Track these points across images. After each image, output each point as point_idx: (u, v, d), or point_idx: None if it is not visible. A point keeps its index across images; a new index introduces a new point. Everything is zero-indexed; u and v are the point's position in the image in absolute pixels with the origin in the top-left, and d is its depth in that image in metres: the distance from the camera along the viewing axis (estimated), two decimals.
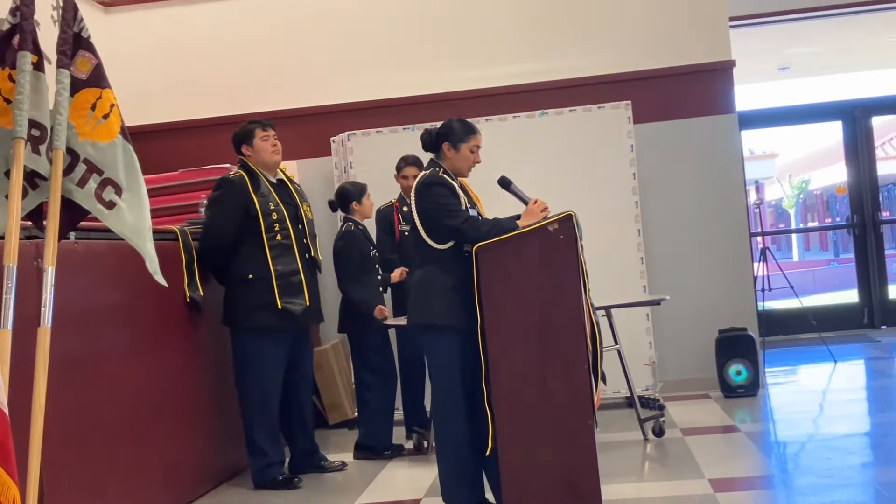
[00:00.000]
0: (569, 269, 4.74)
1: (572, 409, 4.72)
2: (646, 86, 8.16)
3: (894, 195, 25.32)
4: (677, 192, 8.16)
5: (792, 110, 12.09)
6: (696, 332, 8.04)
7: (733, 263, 8.18)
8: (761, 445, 6.05)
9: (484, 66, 8.36)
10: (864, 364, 8.83)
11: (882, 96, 11.89)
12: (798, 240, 27.13)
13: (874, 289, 11.24)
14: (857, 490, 4.90)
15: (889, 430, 6.23)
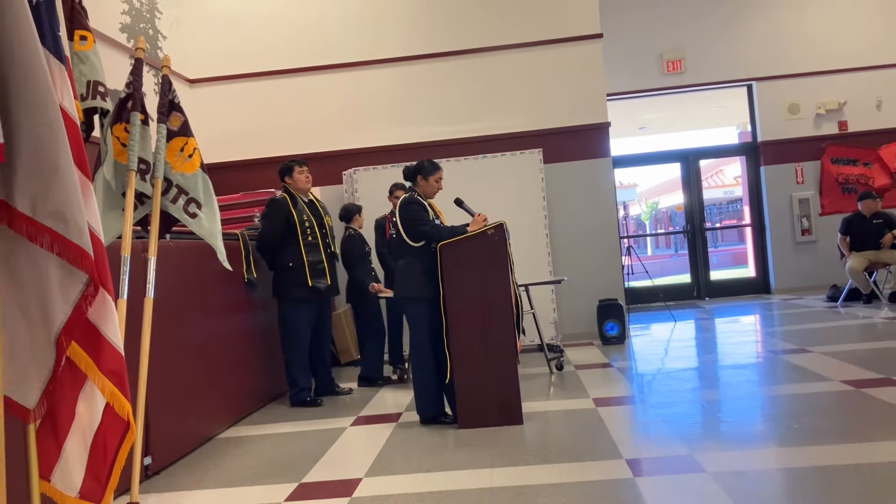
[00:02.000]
0: (501, 260, 4.76)
1: (503, 352, 4.74)
2: (552, 138, 8.17)
3: (714, 212, 25.66)
4: (573, 209, 8.18)
5: (647, 155, 12.15)
6: (584, 301, 8.07)
7: (609, 256, 8.22)
8: (627, 376, 6.07)
9: (447, 124, 8.34)
10: (694, 323, 8.89)
11: (706, 146, 11.99)
12: (651, 241, 27.32)
13: (701, 273, 11.33)
14: (689, 405, 4.93)
15: (710, 366, 6.27)
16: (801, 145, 10.73)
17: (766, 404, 4.81)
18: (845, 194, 10.47)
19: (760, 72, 10.76)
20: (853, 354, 6.00)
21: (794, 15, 10.75)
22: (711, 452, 3.84)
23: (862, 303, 8.96)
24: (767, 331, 7.92)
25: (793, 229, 10.76)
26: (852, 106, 10.66)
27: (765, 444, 3.96)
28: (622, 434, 4.32)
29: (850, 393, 4.77)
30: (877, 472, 3.32)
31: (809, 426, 4.14)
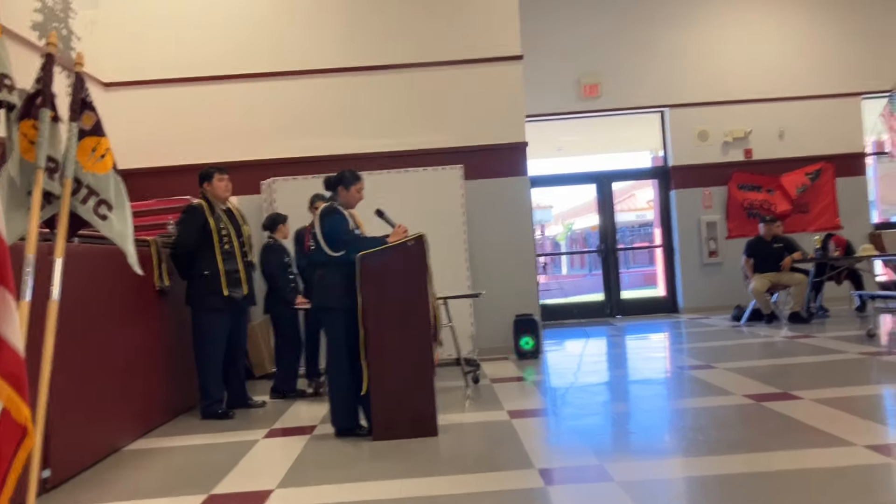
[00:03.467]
0: (420, 271, 4.76)
1: (420, 364, 4.73)
2: (473, 155, 8.25)
3: (626, 234, 26.36)
4: (492, 226, 8.26)
5: (564, 176, 12.42)
6: (501, 316, 8.14)
7: (525, 273, 8.33)
8: (541, 389, 6.15)
9: (369, 137, 8.32)
10: (605, 339, 9.09)
11: (620, 169, 12.32)
12: (567, 260, 27.82)
13: (613, 292, 11.61)
14: (600, 417, 5.03)
15: (620, 381, 6.42)
16: (709, 171, 11.16)
17: (672, 417, 4.95)
18: (750, 219, 10.93)
19: (673, 99, 11.17)
20: (754, 370, 6.24)
21: (704, 47, 11.20)
22: (620, 462, 3.92)
23: (763, 322, 9.34)
24: (675, 348, 8.17)
25: (700, 251, 11.15)
26: (757, 135, 11.16)
27: (671, 455, 4.08)
28: (535, 445, 4.36)
29: (750, 406, 4.95)
30: (774, 480, 3.46)
31: (713, 437, 4.28)
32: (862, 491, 3.25)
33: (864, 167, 11.31)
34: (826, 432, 4.14)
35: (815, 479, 3.42)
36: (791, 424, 4.40)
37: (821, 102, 11.19)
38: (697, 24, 11.22)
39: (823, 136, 11.18)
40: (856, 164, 11.25)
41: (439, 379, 6.71)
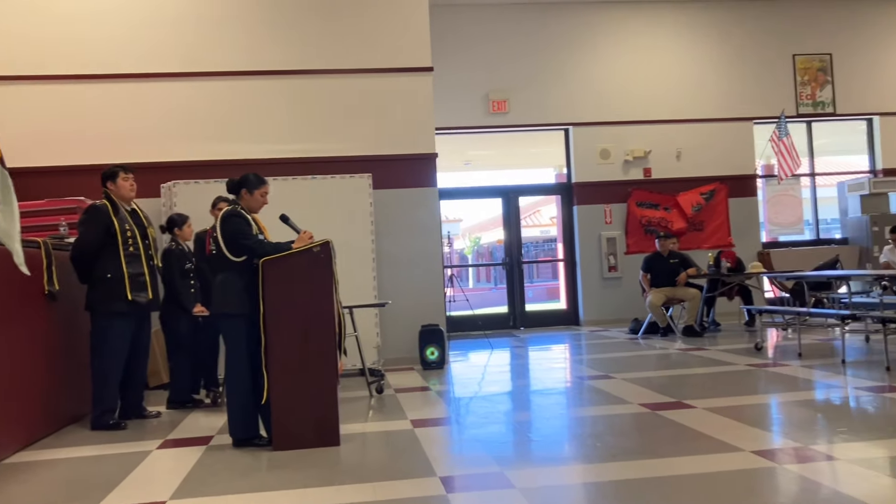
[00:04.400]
0: (326, 278, 4.69)
1: (323, 372, 4.65)
2: (382, 165, 8.22)
3: (531, 249, 26.84)
4: (400, 236, 8.25)
5: (472, 189, 12.55)
6: (407, 326, 8.12)
7: (432, 284, 8.35)
8: (445, 399, 6.16)
9: (277, 143, 8.18)
10: (509, 350, 9.19)
11: (526, 184, 12.54)
12: (473, 273, 28.07)
13: (517, 304, 11.78)
14: (502, 426, 5.07)
15: (522, 390, 6.51)
16: (610, 188, 11.50)
17: (572, 425, 5.04)
18: (647, 235, 11.31)
19: (577, 118, 11.46)
20: (650, 381, 6.43)
21: (608, 69, 11.56)
22: (521, 469, 3.95)
23: (659, 335, 9.65)
24: (575, 358, 8.34)
25: (601, 266, 11.45)
26: (656, 155, 11.57)
27: (570, 461, 4.14)
28: (437, 453, 4.35)
29: (646, 414, 5.09)
30: (668, 485, 3.56)
31: (610, 444, 4.37)
32: (748, 494, 3.38)
33: (754, 189, 11.89)
34: (716, 439, 4.30)
35: (706, 484, 3.54)
36: (684, 432, 4.54)
37: (715, 126, 11.71)
38: (601, 47, 11.57)
39: (718, 159, 11.69)
40: (747, 186, 11.81)
41: (343, 389, 6.63)
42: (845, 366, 6.63)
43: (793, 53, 11.92)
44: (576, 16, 11.53)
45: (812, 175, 12.36)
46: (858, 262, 11.56)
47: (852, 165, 12.69)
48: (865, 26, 12.05)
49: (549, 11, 11.49)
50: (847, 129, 12.52)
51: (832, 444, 4.13)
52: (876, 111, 12.07)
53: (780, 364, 6.97)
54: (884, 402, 5.16)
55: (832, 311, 7.95)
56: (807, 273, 9.22)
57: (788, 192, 11.98)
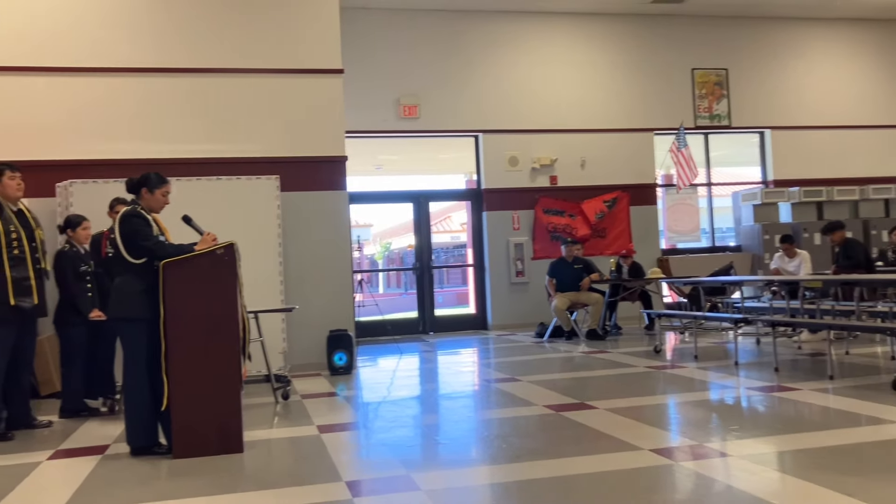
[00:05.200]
0: (229, 281, 4.59)
1: (226, 378, 4.54)
2: (291, 167, 8.08)
3: (441, 255, 26.98)
4: (308, 239, 8.13)
5: (382, 194, 12.52)
6: (315, 332, 7.99)
7: (341, 289, 8.26)
8: (353, 404, 6.11)
9: (180, 143, 7.91)
10: (418, 355, 9.21)
11: (436, 190, 12.59)
12: (383, 278, 27.98)
13: (426, 309, 11.80)
14: (410, 429, 5.07)
15: (431, 394, 6.53)
16: (518, 195, 11.68)
17: (479, 427, 5.09)
18: (553, 241, 11.53)
19: (486, 125, 11.60)
20: (555, 383, 6.55)
21: (516, 79, 11.74)
22: (428, 472, 3.96)
23: (564, 339, 9.84)
24: (483, 362, 8.43)
25: (508, 271, 11.61)
26: (562, 163, 11.83)
27: (477, 463, 4.18)
28: (344, 458, 4.31)
29: (551, 416, 5.19)
30: (571, 483, 3.63)
31: (515, 445, 4.43)
32: (647, 491, 3.49)
33: (654, 197, 12.30)
34: (617, 438, 4.41)
35: (607, 482, 3.63)
36: (586, 432, 4.65)
37: (618, 136, 12.06)
38: (511, 56, 11.75)
39: (620, 168, 12.04)
40: (648, 194, 12.21)
41: (247, 395, 6.46)
42: (738, 367, 6.93)
43: (692, 67, 12.41)
44: (487, 25, 11.68)
45: (708, 185, 12.89)
46: (751, 268, 12.13)
47: (746, 176, 13.31)
48: (759, 44, 12.67)
49: (461, 19, 11.59)
50: (741, 142, 13.12)
51: (725, 441, 4.30)
52: (768, 125, 12.70)
53: (678, 366, 7.23)
54: (773, 401, 5.42)
55: (726, 315, 8.31)
56: (703, 279, 9.60)
57: (686, 201, 12.46)
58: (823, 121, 12.78)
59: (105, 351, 6.21)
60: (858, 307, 7.24)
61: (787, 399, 5.40)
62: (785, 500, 3.23)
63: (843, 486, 3.31)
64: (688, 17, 12.33)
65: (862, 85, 13.03)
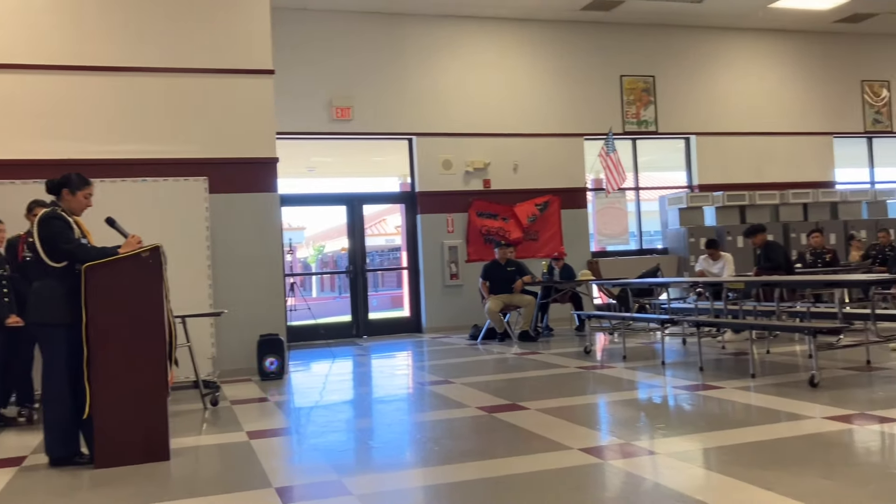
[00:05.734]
0: (155, 285, 4.47)
1: (152, 385, 4.42)
2: (220, 168, 7.91)
3: (376, 258, 26.86)
4: (239, 242, 7.97)
5: (315, 196, 12.39)
6: (245, 336, 7.85)
7: (272, 293, 8.14)
8: (284, 410, 6.02)
9: (104, 143, 7.67)
10: (352, 359, 9.14)
11: (370, 192, 12.55)
12: (317, 282, 27.71)
13: (360, 312, 11.73)
14: (343, 434, 5.02)
15: (364, 398, 6.49)
16: (452, 198, 11.71)
17: (412, 430, 5.08)
18: (487, 244, 11.61)
19: (420, 128, 11.60)
20: (488, 384, 6.59)
21: (449, 82, 11.78)
22: (359, 476, 3.93)
23: (497, 340, 9.92)
24: (417, 365, 8.42)
25: (442, 274, 11.63)
26: (495, 167, 11.92)
27: (409, 466, 4.17)
28: (274, 464, 4.24)
29: (483, 417, 5.21)
30: (502, 484, 3.65)
31: (448, 447, 4.44)
32: (576, 490, 3.53)
33: (585, 201, 12.51)
34: (548, 438, 4.46)
35: (538, 482, 3.66)
36: (518, 433, 4.68)
37: (550, 141, 12.22)
38: (445, 60, 11.78)
39: (551, 172, 12.21)
40: (578, 198, 12.41)
41: (174, 402, 6.30)
42: (665, 367, 7.10)
43: (620, 74, 12.67)
44: (422, 28, 11.69)
45: (636, 189, 13.17)
46: (677, 270, 12.44)
47: (672, 181, 13.65)
48: (685, 52, 13.02)
49: (395, 22, 11.57)
50: (668, 147, 13.45)
51: (653, 439, 4.39)
52: (693, 131, 13.05)
53: (607, 366, 7.36)
54: (698, 400, 5.56)
55: (653, 316, 8.50)
56: (631, 280, 9.80)
57: (615, 205, 12.71)
58: (746, 128, 13.22)
59: (24, 358, 5.96)
60: (778, 307, 7.50)
61: (712, 397, 5.56)
62: (708, 495, 3.31)
63: (763, 479, 3.42)
64: (616, 25, 12.59)
65: (782, 93, 13.53)
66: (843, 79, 13.83)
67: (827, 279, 7.83)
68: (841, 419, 4.52)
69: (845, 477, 3.44)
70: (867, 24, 13.25)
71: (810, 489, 3.27)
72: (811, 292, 8.84)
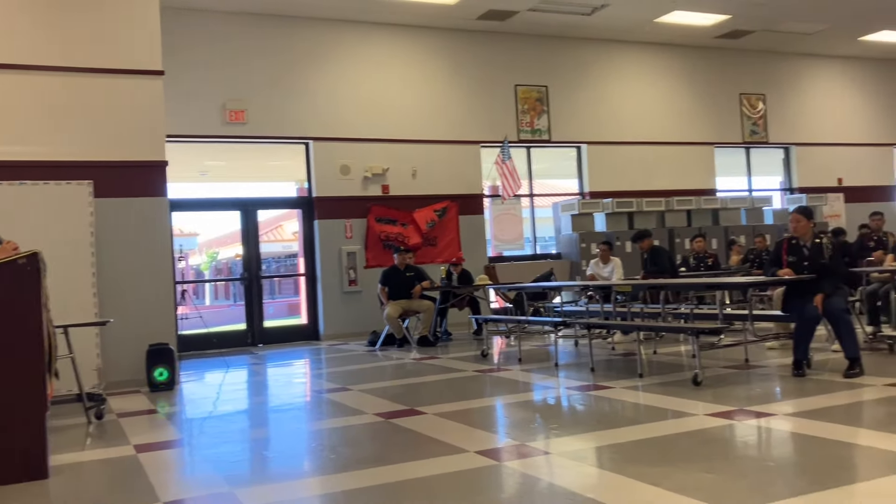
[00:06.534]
0: (32, 294, 4.23)
1: (28, 398, 4.17)
2: (106, 171, 7.54)
3: (272, 265, 26.31)
4: (126, 249, 7.62)
5: (208, 201, 12.04)
6: (133, 346, 7.50)
7: (161, 301, 7.83)
8: (174, 421, 5.81)
9: None
10: (247, 368, 8.92)
11: (265, 197, 12.30)
12: (210, 289, 26.92)
13: (255, 321, 11.46)
14: (236, 445, 4.89)
15: (259, 407, 6.35)
16: (350, 203, 11.62)
17: (308, 439, 4.99)
18: (386, 250, 11.56)
19: (317, 132, 11.46)
20: (385, 391, 6.55)
21: (347, 87, 11.69)
22: (252, 487, 3.82)
23: (396, 346, 9.89)
24: (314, 373, 8.30)
25: (341, 280, 11.51)
26: (394, 173, 11.91)
27: (303, 476, 4.09)
28: (163, 478, 4.07)
29: (380, 423, 5.17)
30: (399, 489, 3.63)
31: (344, 455, 4.38)
32: (471, 492, 3.55)
33: (482, 207, 12.66)
34: (444, 442, 4.47)
35: (433, 486, 3.66)
36: (415, 438, 4.67)
37: (447, 147, 12.31)
38: (343, 64, 11.68)
39: (449, 178, 12.30)
40: (475, 204, 12.55)
41: (56, 416, 5.98)
42: (558, 368, 7.26)
43: (515, 83, 12.91)
44: (319, 32, 11.55)
45: (531, 196, 13.44)
46: (569, 274, 12.76)
47: (565, 188, 14.00)
48: (576, 63, 13.38)
49: (293, 25, 11.39)
50: (561, 156, 13.79)
51: (547, 439, 4.48)
52: (584, 140, 13.43)
53: (504, 369, 7.46)
54: (589, 400, 5.71)
55: (547, 319, 8.69)
56: (526, 284, 9.98)
57: (511, 211, 12.93)
58: (634, 137, 13.71)
59: None
60: (664, 309, 7.81)
61: (602, 397, 5.72)
62: (600, 493, 3.39)
63: (650, 476, 3.53)
64: (511, 35, 12.81)
65: (668, 105, 14.11)
66: (724, 92, 14.55)
67: (709, 282, 8.21)
68: (722, 415, 4.74)
69: (725, 471, 3.60)
70: (745, 41, 14.01)
71: (694, 483, 3.41)
72: (694, 294, 9.24)
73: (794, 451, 4.00)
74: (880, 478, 3.39)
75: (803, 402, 5.00)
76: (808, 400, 5.07)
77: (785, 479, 3.45)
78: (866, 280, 7.75)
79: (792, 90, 15.15)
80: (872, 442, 3.97)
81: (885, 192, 15.80)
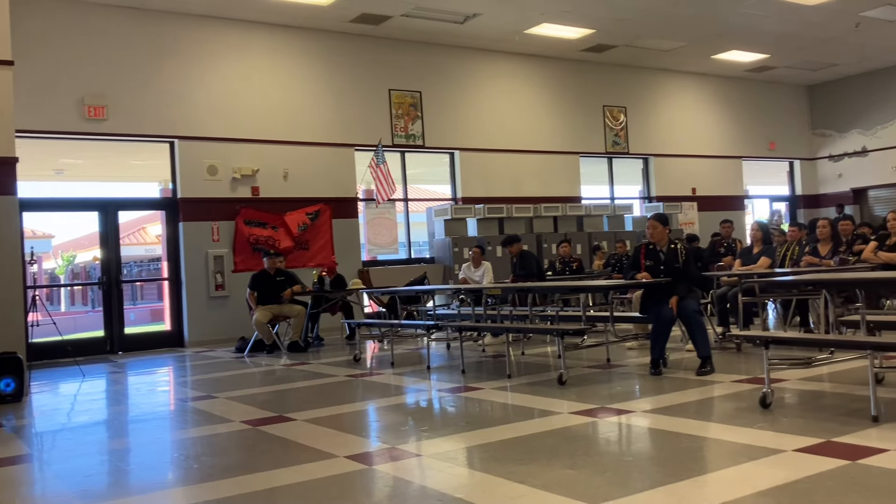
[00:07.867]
0: None
1: None
2: None
3: (135, 269, 25.04)
4: None
5: (64, 201, 11.34)
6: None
7: (9, 307, 7.32)
8: (22, 435, 5.41)
9: None
10: (105, 377, 8.44)
11: (126, 198, 11.73)
12: (66, 295, 25.37)
13: (115, 327, 10.88)
14: (93, 458, 4.61)
15: (119, 418, 6.02)
16: (218, 205, 11.25)
17: (171, 449, 4.78)
18: (255, 253, 11.26)
19: (183, 131, 11.03)
20: (254, 398, 6.38)
21: (217, 84, 11.33)
22: (109, 502, 3.61)
23: (265, 352, 9.65)
24: (178, 381, 7.97)
25: (207, 285, 11.12)
26: (264, 174, 11.63)
27: (164, 487, 3.91)
28: (8, 497, 3.79)
29: (248, 431, 5.02)
30: (266, 497, 3.53)
31: (209, 464, 4.22)
32: (341, 498, 3.50)
33: (356, 211, 12.58)
34: (314, 448, 4.40)
35: (302, 492, 3.59)
36: (284, 444, 4.57)
37: (321, 150, 12.15)
38: (210, 62, 11.31)
39: (323, 181, 12.15)
40: (349, 208, 12.45)
41: None
42: (430, 371, 7.30)
43: (389, 88, 12.92)
44: (187, 28, 11.12)
45: (406, 200, 13.49)
46: (443, 278, 12.89)
47: (439, 193, 14.15)
48: (449, 70, 13.54)
49: (159, 20, 10.89)
50: (434, 161, 13.92)
51: (418, 442, 4.49)
52: (457, 146, 13.61)
53: (376, 373, 7.43)
54: (460, 401, 5.78)
55: (420, 323, 8.73)
56: (399, 288, 9.99)
57: (385, 215, 12.91)
58: (504, 145, 14.02)
59: None
60: (531, 311, 8.01)
61: (472, 398, 5.80)
62: (469, 493, 3.43)
63: (517, 474, 3.61)
64: (385, 40, 12.82)
65: (536, 114, 14.52)
66: (588, 103, 15.15)
67: (573, 285, 8.51)
68: (585, 413, 4.91)
69: (587, 466, 3.73)
70: (609, 55, 14.65)
71: (557, 479, 3.51)
72: (560, 297, 9.55)
73: (652, 446, 4.20)
74: (729, 467, 3.61)
75: (660, 399, 5.27)
76: (665, 397, 5.34)
77: (642, 473, 3.61)
78: (717, 283, 8.27)
79: (651, 104, 15.98)
80: (721, 435, 4.23)
81: (734, 202, 16.95)
